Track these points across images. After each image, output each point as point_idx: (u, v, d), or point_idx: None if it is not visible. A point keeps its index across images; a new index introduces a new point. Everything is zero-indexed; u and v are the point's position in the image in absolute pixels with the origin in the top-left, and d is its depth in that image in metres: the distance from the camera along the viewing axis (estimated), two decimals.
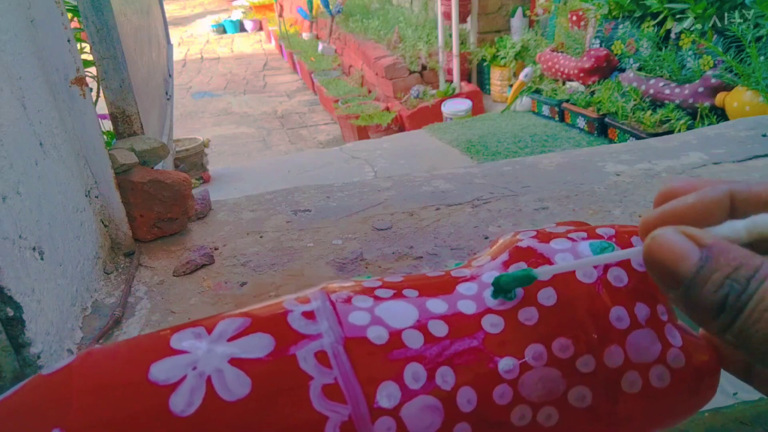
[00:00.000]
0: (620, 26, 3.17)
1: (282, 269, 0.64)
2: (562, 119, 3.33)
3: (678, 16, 2.72)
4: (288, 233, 0.72)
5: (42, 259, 0.47)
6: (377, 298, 0.27)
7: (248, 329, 0.25)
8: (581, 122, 3.14)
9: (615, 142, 2.85)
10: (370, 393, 0.23)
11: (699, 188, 0.23)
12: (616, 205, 0.72)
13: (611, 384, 0.25)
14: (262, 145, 4.66)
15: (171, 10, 11.85)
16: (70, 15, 0.62)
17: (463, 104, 4.12)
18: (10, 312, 0.42)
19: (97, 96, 0.81)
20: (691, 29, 2.65)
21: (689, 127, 2.61)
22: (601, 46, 3.31)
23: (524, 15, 4.46)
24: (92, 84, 0.69)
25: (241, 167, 3.59)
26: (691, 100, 2.63)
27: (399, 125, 4.42)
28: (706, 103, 2.57)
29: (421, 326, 0.25)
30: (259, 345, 0.24)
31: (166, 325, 0.56)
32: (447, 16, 4.36)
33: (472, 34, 4.67)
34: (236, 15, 10.19)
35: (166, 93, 1.42)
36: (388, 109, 4.55)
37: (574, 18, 3.60)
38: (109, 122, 0.71)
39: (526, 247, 0.28)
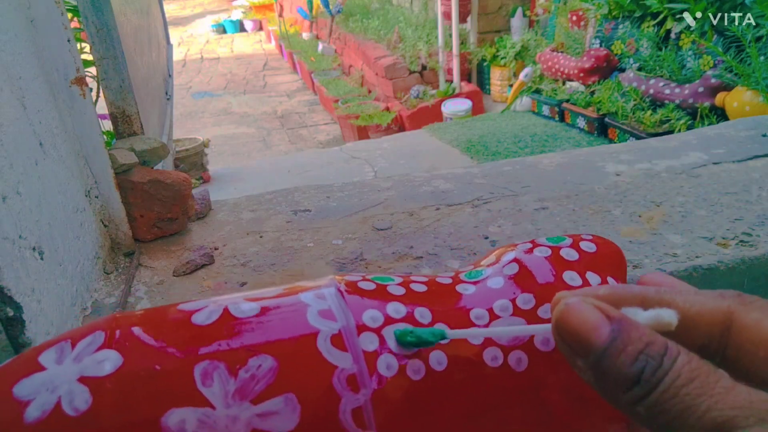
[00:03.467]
0: (620, 26, 3.17)
1: (282, 269, 0.64)
2: (562, 119, 3.33)
3: (678, 16, 2.72)
4: (288, 233, 0.72)
5: (42, 259, 0.47)
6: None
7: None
8: (581, 122, 3.14)
9: (615, 142, 2.85)
10: (357, 315, 0.27)
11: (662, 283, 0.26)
12: (616, 205, 0.72)
13: None
14: (262, 145, 4.66)
15: (171, 10, 11.85)
16: (70, 15, 0.62)
17: (463, 104, 4.12)
18: (10, 312, 0.42)
19: (97, 96, 0.81)
20: (691, 29, 2.65)
21: (689, 127, 2.62)
22: (601, 46, 3.31)
23: (524, 15, 4.46)
24: (92, 84, 0.69)
25: (241, 167, 3.59)
26: (691, 100, 2.63)
27: (399, 125, 4.43)
28: (706, 103, 2.57)
29: (404, 283, 0.30)
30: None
31: None
32: (447, 16, 4.37)
33: (472, 34, 4.67)
34: (236, 15, 10.19)
35: (166, 93, 1.42)
36: (388, 109, 4.55)
37: (574, 18, 3.60)
38: (109, 122, 0.71)
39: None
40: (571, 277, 0.29)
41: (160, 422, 0.23)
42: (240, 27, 9.95)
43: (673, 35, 2.85)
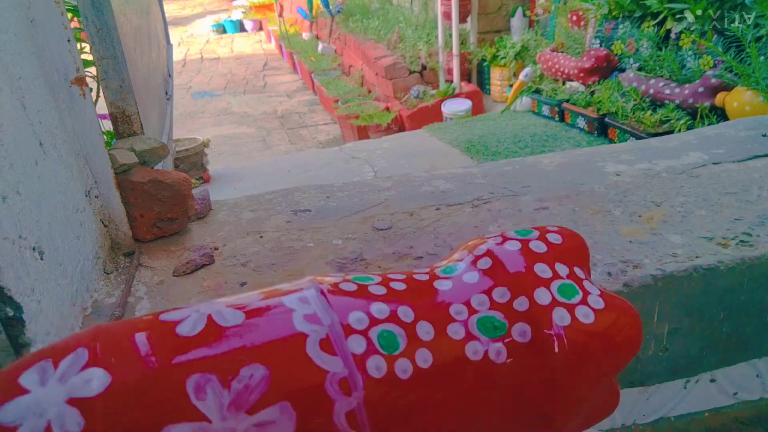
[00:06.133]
0: (620, 26, 3.17)
1: (282, 269, 0.64)
2: (562, 119, 3.33)
3: (678, 16, 2.72)
4: (288, 233, 0.72)
5: (42, 259, 0.47)
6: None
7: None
8: (581, 122, 3.14)
9: (615, 142, 2.85)
10: (342, 316, 0.28)
11: None
12: (616, 204, 0.72)
13: (545, 317, 0.29)
14: (262, 145, 4.66)
15: (171, 10, 11.84)
16: (70, 15, 0.62)
17: (463, 104, 4.12)
18: (10, 312, 0.42)
19: (97, 96, 0.80)
20: (691, 29, 2.65)
21: (689, 127, 2.61)
22: (601, 46, 3.31)
23: (524, 15, 4.46)
24: (92, 84, 0.69)
25: (241, 167, 3.58)
26: (691, 100, 2.63)
27: (399, 125, 4.42)
28: (706, 103, 2.57)
29: (384, 282, 0.31)
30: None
31: None
32: (447, 16, 4.36)
33: (472, 34, 4.67)
34: (236, 15, 10.19)
35: (166, 93, 1.42)
36: (388, 109, 4.55)
37: (574, 18, 3.60)
38: (109, 122, 0.71)
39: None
40: (542, 269, 0.31)
41: None
42: (240, 27, 9.94)
43: (673, 35, 2.85)
